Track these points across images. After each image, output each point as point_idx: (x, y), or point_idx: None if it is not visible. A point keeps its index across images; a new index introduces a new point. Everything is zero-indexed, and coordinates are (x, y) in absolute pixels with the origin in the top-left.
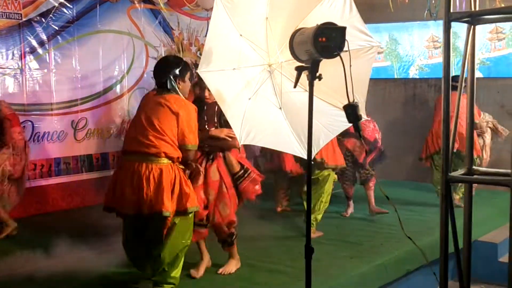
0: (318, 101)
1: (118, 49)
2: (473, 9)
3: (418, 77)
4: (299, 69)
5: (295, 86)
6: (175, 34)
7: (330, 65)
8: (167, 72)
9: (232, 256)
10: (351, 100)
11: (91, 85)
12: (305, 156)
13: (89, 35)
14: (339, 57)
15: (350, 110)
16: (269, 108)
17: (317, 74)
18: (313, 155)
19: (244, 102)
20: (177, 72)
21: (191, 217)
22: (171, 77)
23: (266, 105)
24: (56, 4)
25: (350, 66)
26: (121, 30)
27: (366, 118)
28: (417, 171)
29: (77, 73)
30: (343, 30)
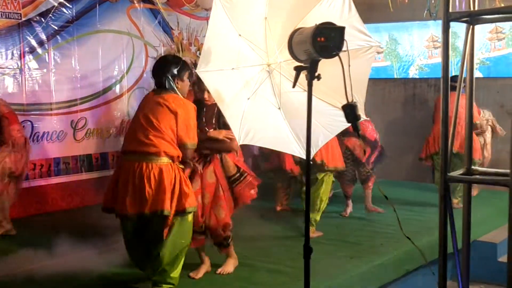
0: (317, 101)
1: (117, 49)
2: (472, 9)
3: (418, 77)
4: (298, 69)
5: (294, 86)
6: (175, 34)
7: (329, 65)
8: (165, 72)
9: (229, 256)
10: (350, 100)
11: (90, 85)
12: (303, 155)
13: (88, 35)
14: (338, 57)
15: (349, 110)
16: (268, 108)
17: (316, 74)
18: (312, 155)
19: (243, 102)
20: (176, 71)
21: (190, 217)
22: (169, 77)
23: (265, 105)
24: (56, 4)
25: (349, 66)
26: (120, 30)
27: (365, 118)
28: (417, 171)
29: (76, 73)
30: (342, 30)
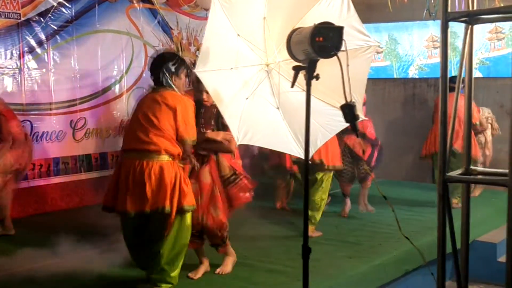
0: (316, 100)
1: (117, 48)
2: (471, 8)
3: (417, 76)
4: (297, 69)
5: (292, 85)
6: (174, 33)
7: (328, 65)
8: (162, 68)
9: (227, 254)
10: (348, 100)
11: (90, 85)
12: (302, 156)
13: (88, 35)
14: (336, 56)
15: (347, 110)
16: (266, 108)
17: (315, 74)
18: (310, 155)
19: (242, 102)
20: (173, 68)
21: (189, 215)
22: (166, 73)
23: (263, 105)
24: (55, 4)
25: (348, 66)
26: (120, 30)
27: (363, 117)
28: (416, 171)
29: (76, 72)
30: (340, 30)
